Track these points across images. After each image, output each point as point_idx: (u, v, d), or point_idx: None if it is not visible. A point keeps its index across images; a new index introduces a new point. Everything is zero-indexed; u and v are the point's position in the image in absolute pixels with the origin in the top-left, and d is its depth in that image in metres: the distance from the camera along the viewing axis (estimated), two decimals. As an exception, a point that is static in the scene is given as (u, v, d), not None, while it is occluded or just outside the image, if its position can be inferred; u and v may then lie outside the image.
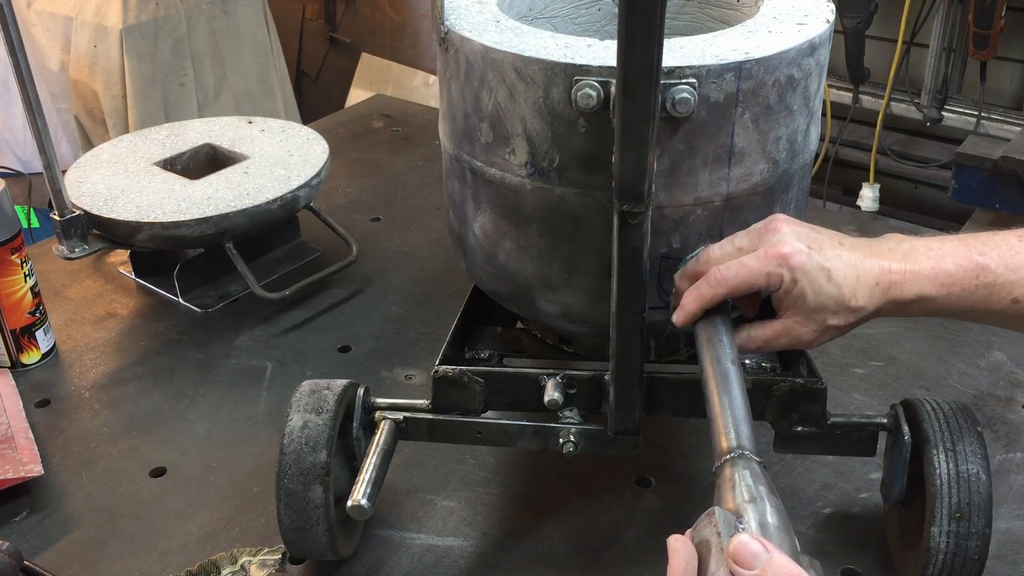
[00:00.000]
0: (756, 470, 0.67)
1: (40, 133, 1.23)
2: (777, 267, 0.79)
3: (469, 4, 0.98)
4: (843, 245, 0.80)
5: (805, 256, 0.78)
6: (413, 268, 1.51)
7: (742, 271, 0.80)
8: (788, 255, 0.79)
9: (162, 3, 2.76)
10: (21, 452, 1.11)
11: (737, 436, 0.71)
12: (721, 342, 0.81)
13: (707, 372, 0.79)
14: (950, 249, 0.79)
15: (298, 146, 1.50)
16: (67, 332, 1.37)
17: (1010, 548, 1.00)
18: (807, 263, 0.78)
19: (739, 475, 0.66)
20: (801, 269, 0.78)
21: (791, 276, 0.79)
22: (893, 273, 0.79)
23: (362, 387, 1.00)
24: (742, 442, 0.70)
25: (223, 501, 1.08)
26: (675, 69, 0.81)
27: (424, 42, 3.49)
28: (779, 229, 0.81)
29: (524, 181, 0.90)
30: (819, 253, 0.79)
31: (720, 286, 0.81)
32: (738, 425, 0.72)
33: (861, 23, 2.51)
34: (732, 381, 0.77)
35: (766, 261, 0.79)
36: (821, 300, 0.79)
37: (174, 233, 1.32)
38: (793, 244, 0.79)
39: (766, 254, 0.80)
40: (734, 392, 0.76)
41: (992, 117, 2.49)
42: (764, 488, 0.65)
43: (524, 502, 1.08)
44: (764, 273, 0.79)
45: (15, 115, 2.89)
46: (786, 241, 0.79)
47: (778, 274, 0.79)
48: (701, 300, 0.82)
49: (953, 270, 0.78)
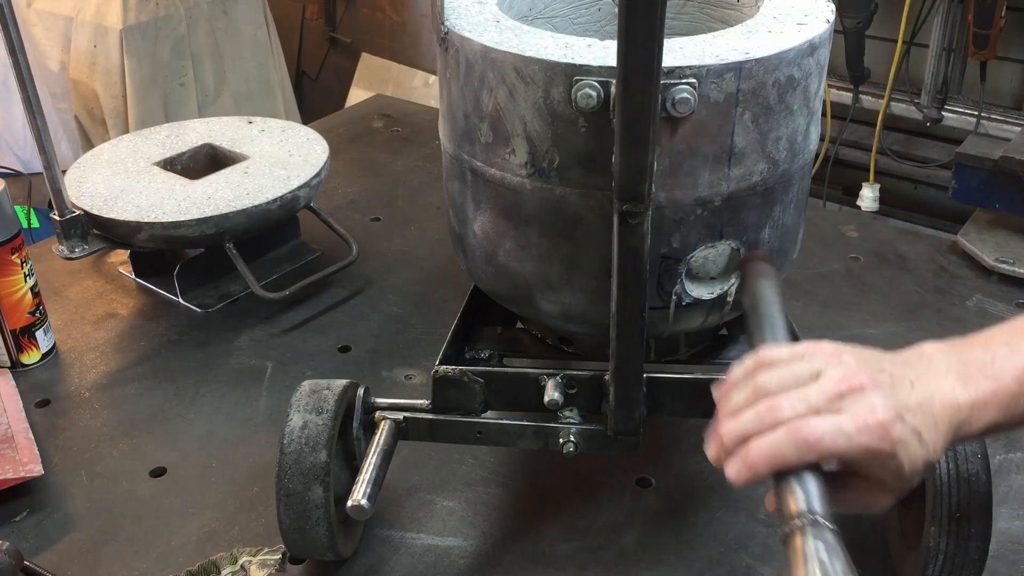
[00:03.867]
0: (831, 541, 0.61)
1: (40, 133, 1.23)
2: (879, 441, 0.67)
3: (469, 4, 0.98)
4: (913, 385, 0.70)
5: (901, 426, 0.68)
6: (413, 268, 1.51)
7: (840, 440, 0.67)
8: (888, 426, 0.67)
9: (162, 3, 2.76)
10: (21, 452, 1.11)
11: (807, 497, 0.64)
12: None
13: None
14: (1004, 359, 0.71)
15: (298, 146, 1.50)
16: (67, 332, 1.37)
17: (1010, 548, 1.00)
18: (904, 434, 0.68)
19: (811, 547, 0.61)
20: (901, 442, 0.68)
21: (891, 450, 0.68)
22: (962, 410, 0.70)
23: (362, 387, 1.00)
24: (813, 505, 0.63)
25: (223, 501, 1.08)
26: (675, 69, 0.81)
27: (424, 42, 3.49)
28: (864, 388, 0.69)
29: (524, 181, 0.90)
30: (908, 411, 0.69)
31: (811, 452, 0.67)
32: (806, 485, 0.65)
33: (861, 23, 2.50)
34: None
35: (866, 433, 0.67)
36: (914, 467, 0.69)
37: (174, 233, 1.32)
38: (886, 410, 0.68)
39: (866, 425, 0.67)
40: None
41: (992, 117, 2.49)
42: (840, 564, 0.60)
43: (524, 502, 1.08)
44: (864, 448, 0.67)
45: (15, 115, 2.89)
46: (878, 407, 0.68)
47: (878, 450, 0.68)
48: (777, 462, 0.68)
49: (1015, 388, 0.70)
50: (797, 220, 0.99)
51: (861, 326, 1.35)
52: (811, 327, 1.31)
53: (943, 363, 0.72)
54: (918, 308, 1.40)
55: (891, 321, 1.37)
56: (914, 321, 1.37)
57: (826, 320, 1.36)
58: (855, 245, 1.56)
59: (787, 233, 0.98)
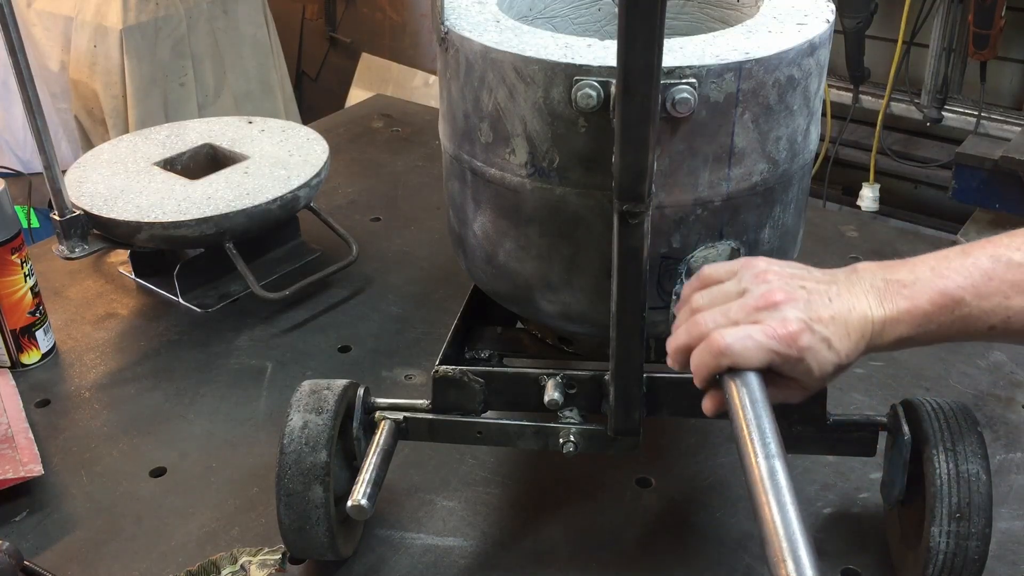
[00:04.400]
0: None
1: (40, 133, 1.23)
2: (787, 348, 0.75)
3: (469, 4, 0.98)
4: (831, 300, 0.78)
5: (810, 335, 0.76)
6: (413, 268, 1.51)
7: (750, 345, 0.75)
8: (796, 335, 0.75)
9: (162, 3, 2.76)
10: (21, 452, 1.11)
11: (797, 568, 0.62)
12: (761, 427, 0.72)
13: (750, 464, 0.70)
14: (924, 284, 0.77)
15: (298, 146, 1.50)
16: (67, 332, 1.37)
17: (1010, 548, 1.00)
18: (812, 342, 0.76)
19: None
20: (808, 348, 0.76)
21: (799, 356, 0.76)
22: (874, 323, 0.77)
23: (362, 387, 1.00)
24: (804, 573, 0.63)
25: (223, 501, 1.08)
26: (675, 69, 0.81)
27: (424, 42, 3.49)
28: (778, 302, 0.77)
29: (524, 181, 0.90)
30: (819, 322, 0.76)
31: (725, 357, 0.76)
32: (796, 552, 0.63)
33: (861, 23, 2.51)
34: (781, 485, 0.68)
35: (775, 341, 0.75)
36: (824, 370, 0.77)
37: (174, 233, 1.32)
38: (797, 320, 0.76)
39: (775, 333, 0.75)
40: (785, 502, 0.66)
41: (992, 117, 2.49)
42: None
43: (524, 502, 1.08)
44: (772, 351, 0.75)
45: (15, 115, 2.89)
46: (789, 318, 0.76)
47: (786, 355, 0.76)
48: (708, 369, 0.78)
49: (928, 309, 0.77)
50: (797, 220, 0.99)
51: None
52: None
53: (867, 281, 0.79)
54: (918, 308, 1.39)
55: (891, 321, 1.36)
56: (914, 321, 1.36)
57: (826, 320, 1.36)
58: (855, 245, 1.56)
59: (787, 233, 0.98)
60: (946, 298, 0.77)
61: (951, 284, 0.77)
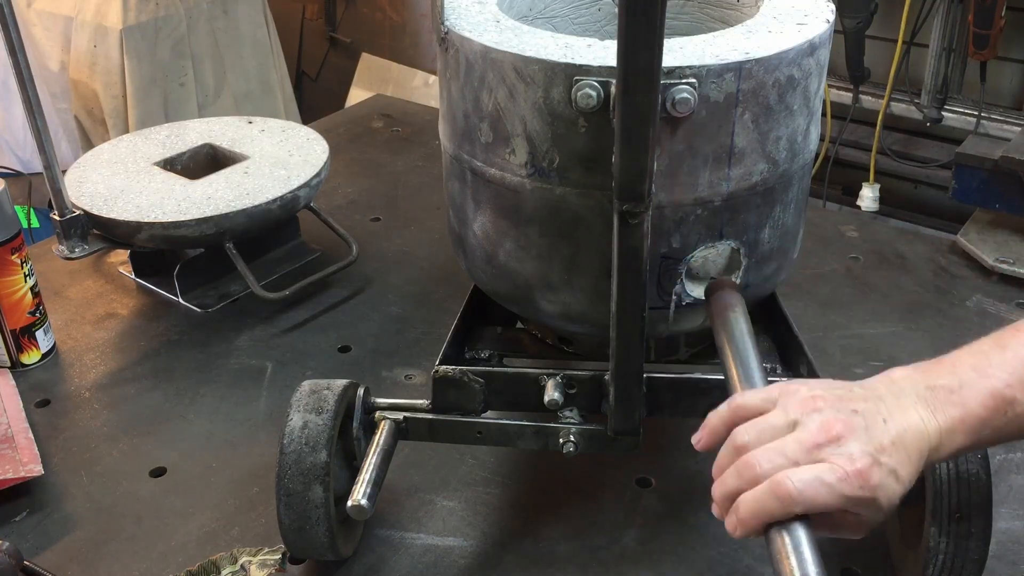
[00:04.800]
0: None
1: (40, 133, 1.23)
2: (860, 489, 0.68)
3: (469, 4, 0.98)
4: (886, 422, 0.71)
5: (879, 470, 0.69)
6: (413, 268, 1.51)
7: (823, 491, 0.68)
8: (867, 473, 0.68)
9: (162, 3, 2.76)
10: (21, 452, 1.11)
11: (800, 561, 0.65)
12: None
13: None
14: (971, 387, 0.72)
15: (298, 146, 1.50)
16: (67, 332, 1.37)
17: (1010, 548, 1.00)
18: (883, 478, 0.69)
19: None
20: (880, 486, 0.69)
21: (872, 495, 0.69)
22: (930, 439, 0.72)
23: (362, 387, 1.00)
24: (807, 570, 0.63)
25: (223, 501, 1.08)
26: (675, 69, 0.81)
27: (424, 42, 3.49)
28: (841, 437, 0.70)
29: (524, 181, 0.90)
30: (882, 452, 0.70)
31: (797, 504, 0.68)
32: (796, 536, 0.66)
33: (861, 23, 2.50)
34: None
35: (846, 483, 0.68)
36: (892, 503, 0.71)
37: (174, 233, 1.32)
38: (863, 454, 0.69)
39: (847, 476, 0.68)
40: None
41: (992, 117, 2.48)
42: None
43: (524, 502, 1.08)
44: (845, 496, 0.68)
45: (15, 115, 2.89)
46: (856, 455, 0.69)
47: (859, 497, 0.69)
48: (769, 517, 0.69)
49: (983, 414, 0.72)
50: (797, 220, 0.99)
51: (861, 326, 1.35)
52: (811, 327, 1.31)
53: (912, 392, 0.73)
54: (918, 308, 1.40)
55: (891, 321, 1.37)
56: (914, 321, 1.37)
57: (826, 320, 1.36)
58: (855, 245, 1.56)
59: (787, 233, 0.98)
60: (997, 400, 0.72)
61: (999, 383, 0.72)
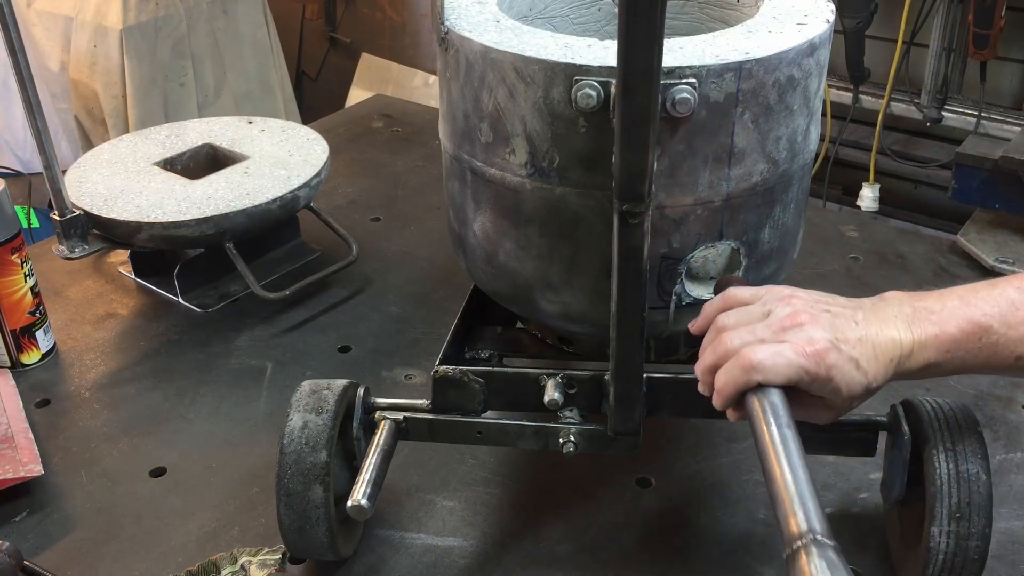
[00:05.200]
0: (833, 559, 0.63)
1: (40, 133, 1.23)
2: (815, 366, 0.77)
3: (469, 4, 0.98)
4: (858, 323, 0.79)
5: (836, 353, 0.77)
6: (413, 268, 1.51)
7: (780, 361, 0.77)
8: (823, 353, 0.77)
9: (162, 3, 2.76)
10: (21, 452, 1.11)
11: (807, 518, 0.66)
12: (773, 404, 0.76)
13: (763, 438, 0.74)
14: (952, 311, 0.79)
15: (298, 146, 1.50)
16: (67, 332, 1.37)
17: (1010, 548, 1.00)
18: (839, 360, 0.77)
19: (815, 567, 0.63)
20: (835, 366, 0.77)
21: (827, 375, 0.77)
22: (903, 347, 0.79)
23: (362, 387, 1.00)
24: (813, 525, 0.65)
25: (223, 501, 1.08)
26: (675, 69, 0.81)
27: (424, 42, 3.49)
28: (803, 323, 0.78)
29: (524, 181, 0.90)
30: (845, 343, 0.78)
31: (757, 372, 0.77)
32: (806, 504, 0.67)
33: (861, 23, 2.50)
34: (792, 449, 0.72)
35: (803, 358, 0.77)
36: (852, 391, 0.78)
37: (174, 233, 1.32)
38: (823, 339, 0.77)
39: (803, 351, 0.77)
40: (796, 464, 0.71)
41: (992, 117, 2.49)
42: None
43: (524, 502, 1.08)
44: (803, 369, 0.77)
45: (15, 115, 2.89)
46: (815, 338, 0.77)
47: (814, 372, 0.77)
48: (735, 387, 0.79)
49: (957, 335, 0.78)
50: (797, 220, 0.99)
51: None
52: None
53: (895, 308, 0.81)
54: (918, 308, 1.39)
55: (891, 321, 1.36)
56: (914, 321, 1.36)
57: (826, 320, 1.36)
58: (855, 245, 1.56)
59: (787, 233, 0.98)
60: (974, 325, 0.78)
61: (978, 312, 0.78)
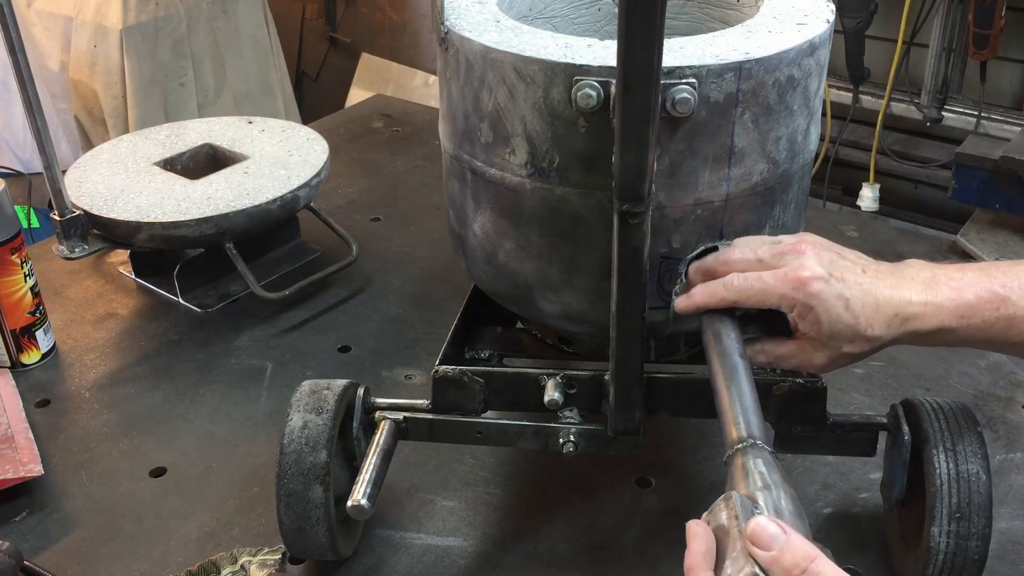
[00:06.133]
0: (768, 459, 0.68)
1: (40, 133, 1.23)
2: (793, 291, 0.79)
3: (469, 4, 0.98)
4: (866, 272, 0.81)
5: (823, 284, 0.79)
6: (413, 268, 1.51)
7: (757, 285, 0.81)
8: (806, 280, 0.79)
9: (162, 3, 2.76)
10: (21, 452, 1.11)
11: (747, 426, 0.72)
12: (729, 336, 0.82)
13: (714, 365, 0.80)
14: (971, 279, 0.80)
15: (298, 146, 1.50)
16: (67, 332, 1.37)
17: (1010, 548, 1.00)
18: (824, 291, 0.79)
19: (752, 463, 0.67)
20: (817, 296, 0.79)
21: (806, 302, 0.79)
22: (914, 305, 0.79)
23: (362, 387, 1.00)
24: (752, 431, 0.71)
25: (223, 501, 1.08)
26: (675, 69, 0.81)
27: (424, 42, 3.49)
28: (803, 252, 0.81)
29: (524, 181, 0.90)
30: (839, 281, 0.79)
31: (732, 292, 0.81)
32: (748, 415, 0.73)
33: (861, 23, 2.50)
34: (740, 373, 0.78)
35: (783, 282, 0.80)
36: (836, 328, 0.79)
37: (174, 233, 1.32)
38: (814, 269, 0.79)
39: (785, 276, 0.80)
40: (742, 383, 0.77)
41: (992, 117, 2.49)
42: (777, 476, 0.66)
43: (524, 502, 1.08)
44: (778, 294, 0.80)
45: (15, 115, 2.89)
46: (807, 266, 0.80)
47: (792, 298, 0.80)
48: (711, 298, 0.83)
49: (974, 301, 0.78)
50: (797, 220, 0.99)
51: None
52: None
53: (915, 271, 0.82)
54: (918, 308, 1.39)
55: (891, 321, 1.36)
56: (914, 321, 1.36)
57: (826, 320, 1.36)
58: (855, 245, 1.53)
59: (787, 233, 0.97)
60: (992, 294, 0.78)
61: (997, 283, 0.79)
